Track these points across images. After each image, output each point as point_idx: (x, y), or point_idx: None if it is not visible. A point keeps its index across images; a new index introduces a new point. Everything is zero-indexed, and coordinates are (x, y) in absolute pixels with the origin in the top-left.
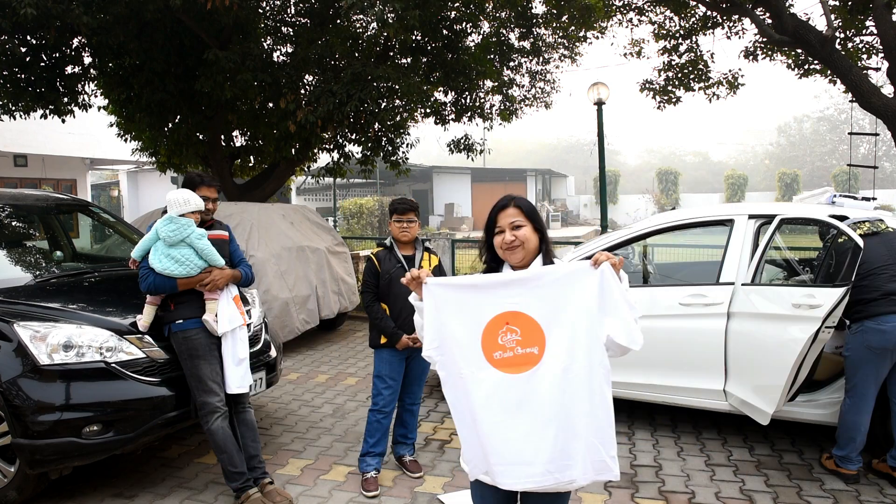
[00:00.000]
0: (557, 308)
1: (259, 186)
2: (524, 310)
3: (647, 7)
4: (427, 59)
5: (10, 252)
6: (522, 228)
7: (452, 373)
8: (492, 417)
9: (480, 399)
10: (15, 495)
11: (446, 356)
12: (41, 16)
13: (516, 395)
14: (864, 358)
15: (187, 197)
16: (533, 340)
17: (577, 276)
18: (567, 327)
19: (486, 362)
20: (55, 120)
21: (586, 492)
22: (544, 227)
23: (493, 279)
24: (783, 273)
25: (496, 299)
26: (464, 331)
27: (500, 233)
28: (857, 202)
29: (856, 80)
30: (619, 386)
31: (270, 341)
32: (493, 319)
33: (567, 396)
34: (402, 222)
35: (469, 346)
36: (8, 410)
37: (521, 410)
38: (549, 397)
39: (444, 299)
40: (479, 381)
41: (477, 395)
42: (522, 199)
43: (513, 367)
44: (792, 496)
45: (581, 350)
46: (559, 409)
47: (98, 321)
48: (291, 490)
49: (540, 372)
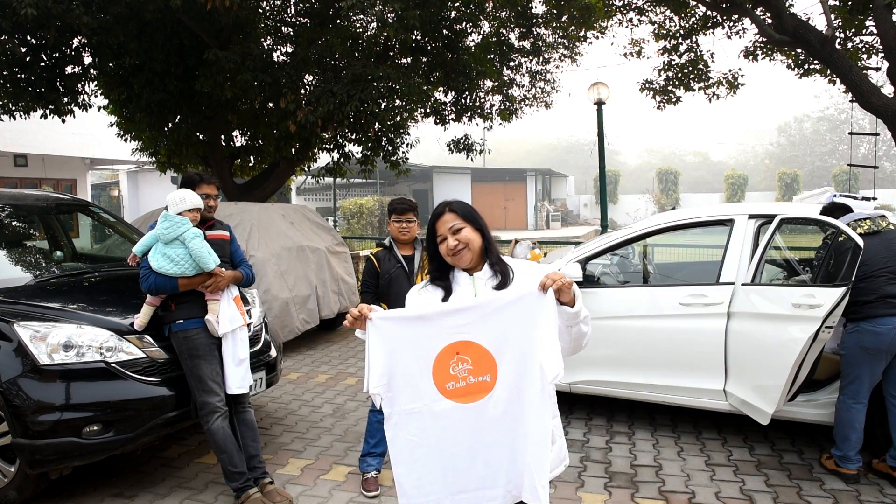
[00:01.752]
0: (506, 335)
1: (259, 186)
2: (474, 338)
3: (647, 7)
4: (427, 59)
5: (10, 252)
6: (463, 231)
7: (402, 409)
8: (451, 448)
9: (437, 431)
10: (15, 495)
11: (395, 391)
12: (41, 16)
13: (472, 423)
14: (859, 357)
15: (184, 196)
16: (485, 369)
17: (523, 303)
18: (516, 353)
19: (440, 394)
20: (55, 120)
21: (586, 492)
22: (484, 226)
23: (439, 309)
24: (783, 273)
25: (444, 329)
26: (415, 363)
27: (442, 241)
28: (857, 202)
29: (856, 80)
30: (620, 386)
31: (270, 341)
32: (444, 350)
33: (519, 422)
34: (402, 222)
35: (421, 379)
36: (8, 410)
37: (478, 438)
38: (504, 423)
39: (391, 333)
40: (434, 413)
41: (434, 426)
42: (458, 202)
43: (467, 396)
44: (792, 496)
45: (531, 375)
46: (513, 434)
47: (98, 321)
48: (291, 490)
49: (493, 398)
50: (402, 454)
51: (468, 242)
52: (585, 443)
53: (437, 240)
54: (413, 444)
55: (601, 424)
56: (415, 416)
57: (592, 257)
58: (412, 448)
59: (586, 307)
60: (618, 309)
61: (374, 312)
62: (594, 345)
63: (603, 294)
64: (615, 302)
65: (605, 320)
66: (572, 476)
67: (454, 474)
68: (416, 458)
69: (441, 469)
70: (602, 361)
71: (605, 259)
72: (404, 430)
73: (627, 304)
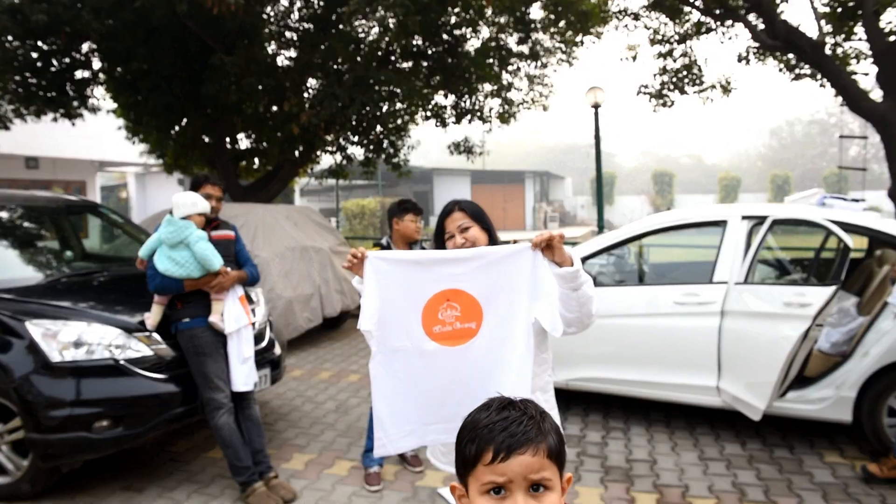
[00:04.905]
0: (496, 287)
1: (263, 188)
2: (465, 287)
3: (643, 12)
4: (427, 63)
5: (22, 252)
6: (470, 229)
7: (389, 347)
8: (430, 385)
9: (420, 368)
10: (28, 488)
11: (385, 330)
12: (52, 22)
13: (453, 365)
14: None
15: (187, 200)
16: (471, 316)
17: (516, 258)
18: (503, 305)
19: (426, 336)
20: (65, 123)
21: (583, 486)
22: (491, 226)
23: (435, 255)
24: (775, 272)
25: (438, 276)
26: (405, 305)
27: (450, 238)
28: (846, 203)
29: (845, 85)
30: (616, 383)
31: (275, 339)
32: (435, 296)
33: (498, 368)
34: (417, 221)
35: (409, 321)
36: (21, 406)
37: (457, 379)
38: (483, 368)
39: (385, 273)
40: (419, 353)
41: (417, 364)
42: (467, 201)
43: (451, 340)
44: (782, 489)
45: (514, 327)
46: (490, 378)
47: (107, 319)
48: (296, 484)
49: (475, 344)
50: (383, 390)
51: (475, 241)
52: (582, 438)
53: (444, 236)
54: (395, 380)
55: (597, 420)
56: (400, 353)
57: (589, 257)
58: (394, 384)
59: None
60: (614, 308)
61: (373, 252)
62: (591, 343)
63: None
64: (611, 301)
65: (602, 319)
66: (569, 471)
67: (426, 409)
68: (396, 393)
69: (415, 404)
70: (598, 359)
71: (601, 259)
72: (388, 367)
73: (623, 303)
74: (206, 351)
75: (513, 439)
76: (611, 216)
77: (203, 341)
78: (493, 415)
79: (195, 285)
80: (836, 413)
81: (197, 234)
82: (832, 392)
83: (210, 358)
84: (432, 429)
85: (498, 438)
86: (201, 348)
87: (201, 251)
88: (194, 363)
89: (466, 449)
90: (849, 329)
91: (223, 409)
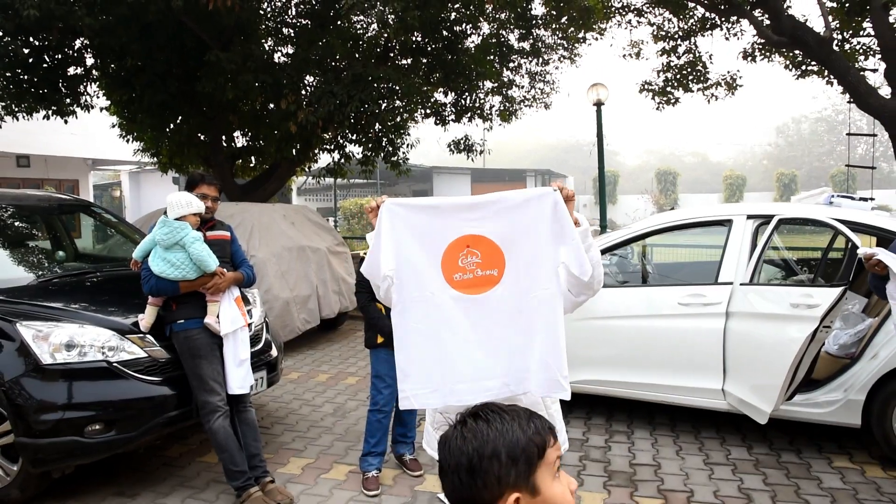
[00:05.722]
0: (517, 232)
1: (260, 187)
2: (485, 233)
3: (647, 8)
4: (427, 59)
5: (13, 252)
6: None
7: (408, 296)
8: (453, 337)
9: (441, 319)
10: (18, 494)
11: (402, 279)
12: (44, 17)
13: (476, 314)
14: None
15: (181, 200)
16: (493, 263)
17: (538, 202)
18: (526, 251)
19: (446, 283)
20: (57, 121)
21: (586, 490)
22: None
23: (454, 202)
24: (781, 273)
25: (457, 222)
26: (423, 253)
27: None
28: (854, 202)
29: (853, 81)
30: (619, 385)
31: (271, 341)
32: (454, 242)
33: (524, 317)
34: None
35: (429, 268)
36: (11, 409)
37: (480, 329)
38: (507, 317)
39: (403, 219)
40: (439, 302)
41: (438, 315)
42: None
43: (472, 287)
44: (790, 495)
45: (539, 273)
46: (516, 328)
47: (100, 321)
48: (292, 489)
49: (498, 292)
50: (404, 341)
51: None
52: (585, 442)
53: None
54: (415, 331)
55: (600, 424)
56: (419, 303)
57: None
58: (414, 336)
59: (585, 307)
60: (617, 309)
61: (390, 199)
62: (594, 345)
63: (602, 294)
64: (614, 302)
65: (605, 320)
66: (571, 475)
67: (451, 364)
68: (416, 345)
69: (437, 359)
70: (601, 361)
71: (604, 259)
72: (409, 316)
73: (627, 303)
74: (202, 353)
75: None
76: (613, 215)
77: (198, 343)
78: (507, 417)
79: (191, 287)
80: (844, 417)
81: (192, 235)
82: (840, 395)
83: (205, 360)
84: (458, 388)
85: (541, 423)
86: (196, 350)
87: (197, 253)
88: (189, 365)
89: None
90: (857, 330)
91: (218, 413)
